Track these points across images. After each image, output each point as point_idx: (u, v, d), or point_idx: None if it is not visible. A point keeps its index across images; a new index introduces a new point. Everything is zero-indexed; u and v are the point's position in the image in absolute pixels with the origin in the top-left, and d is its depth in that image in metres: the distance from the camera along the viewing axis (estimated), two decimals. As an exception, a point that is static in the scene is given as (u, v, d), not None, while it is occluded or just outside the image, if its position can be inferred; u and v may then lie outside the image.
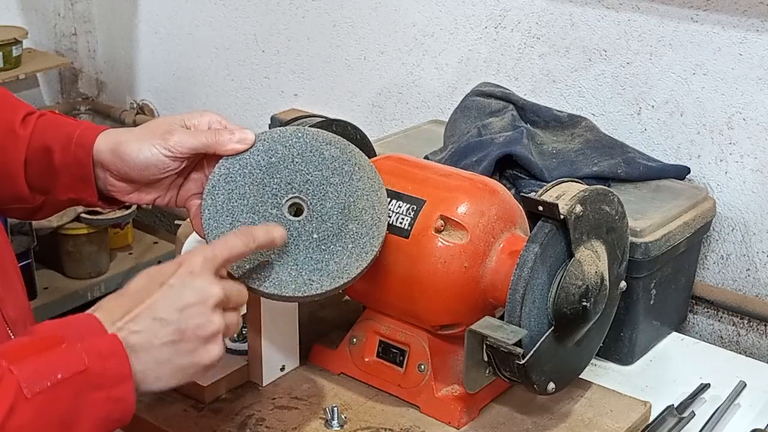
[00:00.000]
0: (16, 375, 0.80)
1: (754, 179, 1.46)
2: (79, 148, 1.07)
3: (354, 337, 1.20)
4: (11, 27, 2.29)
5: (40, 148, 1.09)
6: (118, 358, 0.85)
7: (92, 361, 0.83)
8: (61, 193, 1.10)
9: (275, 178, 1.06)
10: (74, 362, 0.83)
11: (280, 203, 1.06)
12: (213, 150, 1.06)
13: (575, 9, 1.60)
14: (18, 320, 1.03)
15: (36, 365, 0.81)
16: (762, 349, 1.51)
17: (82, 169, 1.08)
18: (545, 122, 1.51)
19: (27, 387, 0.80)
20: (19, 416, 0.79)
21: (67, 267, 2.18)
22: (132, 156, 1.05)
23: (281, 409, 1.14)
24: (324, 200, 1.06)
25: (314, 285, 1.02)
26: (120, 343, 0.86)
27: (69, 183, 1.09)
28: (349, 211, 1.06)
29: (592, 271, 1.06)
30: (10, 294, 1.03)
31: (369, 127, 1.91)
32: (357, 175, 1.08)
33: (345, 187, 1.07)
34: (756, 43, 1.42)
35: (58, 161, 1.08)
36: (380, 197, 1.08)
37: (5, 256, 1.06)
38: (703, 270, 1.54)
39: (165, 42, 2.37)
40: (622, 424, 1.13)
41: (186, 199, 1.11)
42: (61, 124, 1.11)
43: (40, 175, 1.09)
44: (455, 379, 1.14)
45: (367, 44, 1.93)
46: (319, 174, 1.07)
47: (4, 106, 1.12)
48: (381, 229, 1.06)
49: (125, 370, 0.85)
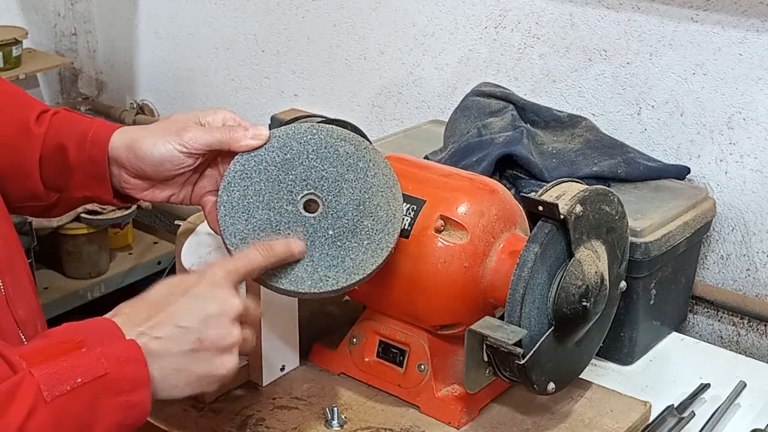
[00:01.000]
0: (37, 378, 0.81)
1: (754, 179, 1.46)
2: (94, 145, 1.08)
3: (354, 337, 1.20)
4: (11, 27, 2.29)
5: (55, 146, 1.09)
6: (136, 364, 0.86)
7: (111, 366, 0.84)
8: (75, 191, 1.11)
9: (290, 174, 1.07)
10: (94, 367, 0.83)
11: (296, 200, 1.06)
12: (227, 146, 1.06)
13: (575, 9, 1.60)
14: (28, 320, 1.03)
15: (56, 369, 0.82)
16: (762, 349, 1.51)
17: (97, 167, 1.08)
18: (545, 122, 1.51)
19: (47, 390, 0.80)
20: (37, 419, 0.80)
21: (67, 267, 2.18)
22: (147, 152, 1.05)
23: (281, 409, 1.14)
24: (339, 196, 1.06)
25: (330, 281, 1.02)
26: (139, 349, 0.87)
27: (84, 181, 1.09)
28: (364, 208, 1.06)
29: (592, 271, 1.06)
30: (20, 294, 1.03)
31: (369, 127, 1.91)
32: (372, 172, 1.08)
33: (360, 184, 1.07)
34: (756, 43, 1.42)
35: (73, 159, 1.08)
36: (395, 193, 1.08)
37: (16, 256, 1.06)
38: (703, 270, 1.54)
39: (165, 42, 2.37)
40: (622, 424, 1.13)
41: (201, 196, 1.12)
42: (75, 122, 1.11)
43: (54, 173, 1.10)
44: (455, 379, 1.14)
45: (367, 44, 1.93)
46: (334, 170, 1.07)
47: (18, 104, 1.12)
48: (396, 226, 1.06)
49: (144, 375, 0.86)
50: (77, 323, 0.89)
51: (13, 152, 1.09)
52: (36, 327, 1.05)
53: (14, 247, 1.07)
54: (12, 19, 2.41)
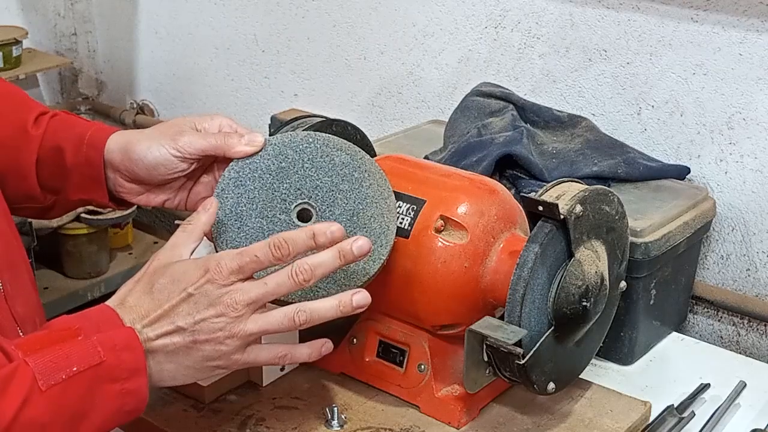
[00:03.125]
0: (32, 367, 0.81)
1: (754, 179, 1.46)
2: (91, 148, 1.08)
3: (354, 337, 1.20)
4: (11, 27, 2.29)
5: (52, 148, 1.09)
6: (133, 351, 0.86)
7: (107, 354, 0.84)
8: (72, 193, 1.11)
9: (285, 183, 1.06)
10: (90, 355, 0.83)
11: (289, 208, 1.05)
12: (222, 152, 1.06)
13: (575, 9, 1.60)
14: (27, 317, 1.04)
15: (51, 357, 0.82)
16: (762, 349, 1.51)
17: (93, 170, 1.08)
18: (545, 122, 1.51)
19: (42, 379, 0.80)
20: (32, 408, 0.80)
21: (67, 267, 2.18)
22: (141, 155, 1.06)
23: (281, 409, 1.14)
24: (333, 207, 1.06)
25: (321, 293, 1.01)
26: (136, 337, 0.87)
27: (80, 183, 1.09)
28: (358, 219, 1.06)
29: (592, 271, 1.06)
30: (19, 291, 1.03)
31: (369, 127, 1.91)
32: (367, 182, 1.08)
33: (354, 194, 1.07)
34: (756, 43, 1.42)
35: (70, 161, 1.08)
36: (389, 205, 1.08)
37: (15, 254, 1.06)
38: (703, 270, 1.54)
39: (165, 42, 2.37)
40: (622, 424, 1.13)
41: (196, 202, 1.11)
42: (73, 125, 1.11)
43: (51, 175, 1.10)
44: (455, 379, 1.14)
45: (367, 44, 1.93)
46: (329, 180, 1.07)
47: (17, 106, 1.13)
48: (389, 238, 1.06)
49: (140, 363, 0.86)
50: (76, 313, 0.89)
51: (9, 153, 1.10)
52: (35, 324, 1.05)
53: (14, 244, 1.07)
54: (12, 19, 2.41)
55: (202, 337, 0.90)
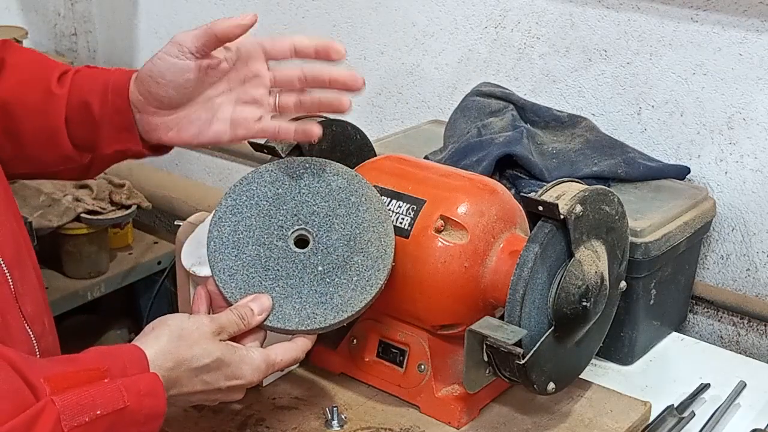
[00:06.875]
0: (58, 408, 0.81)
1: (754, 179, 1.46)
2: (116, 95, 1.08)
3: (354, 337, 1.20)
4: (11, 27, 2.29)
5: (79, 104, 1.09)
6: (155, 398, 0.88)
7: (132, 399, 0.86)
8: (106, 146, 1.11)
9: (281, 209, 1.06)
10: (114, 399, 0.85)
11: (286, 235, 1.06)
12: (212, 32, 1.05)
13: (575, 9, 1.60)
14: (36, 316, 1.04)
15: (78, 399, 0.83)
16: (762, 349, 1.51)
17: (122, 117, 1.08)
18: (545, 122, 1.51)
19: (66, 420, 0.81)
20: None
21: (67, 267, 2.17)
22: (149, 72, 1.06)
23: (281, 409, 1.14)
24: (330, 232, 1.06)
25: (318, 319, 1.02)
26: (160, 383, 0.89)
27: (112, 134, 1.09)
28: (355, 243, 1.06)
29: (592, 271, 1.06)
30: (28, 289, 1.04)
31: (369, 127, 1.90)
32: (363, 207, 1.08)
33: (351, 219, 1.07)
34: (756, 43, 1.42)
35: (98, 114, 1.08)
36: (386, 229, 1.08)
37: (24, 252, 1.06)
38: (703, 270, 1.54)
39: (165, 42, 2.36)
40: (622, 424, 1.13)
41: (222, 122, 1.09)
42: (95, 76, 1.11)
43: (82, 131, 1.10)
44: (455, 379, 1.14)
45: (367, 44, 1.93)
46: (326, 205, 1.07)
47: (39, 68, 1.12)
48: (386, 262, 1.06)
49: (161, 409, 0.89)
50: (106, 349, 0.91)
51: (39, 117, 1.10)
52: (43, 323, 1.06)
53: (23, 242, 1.07)
54: (12, 19, 2.41)
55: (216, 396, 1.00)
